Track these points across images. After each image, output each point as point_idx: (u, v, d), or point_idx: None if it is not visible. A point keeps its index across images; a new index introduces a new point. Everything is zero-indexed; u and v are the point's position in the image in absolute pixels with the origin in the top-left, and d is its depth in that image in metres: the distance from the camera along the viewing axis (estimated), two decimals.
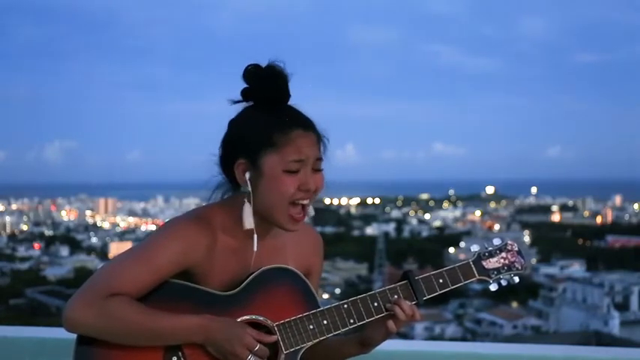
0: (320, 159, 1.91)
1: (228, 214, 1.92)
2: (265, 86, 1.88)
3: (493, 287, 2.07)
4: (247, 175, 1.87)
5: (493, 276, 2.06)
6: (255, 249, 1.90)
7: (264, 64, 1.88)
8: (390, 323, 1.95)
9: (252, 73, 1.89)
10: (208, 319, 1.81)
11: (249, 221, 1.87)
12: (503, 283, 2.08)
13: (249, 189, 1.86)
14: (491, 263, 2.06)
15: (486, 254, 2.07)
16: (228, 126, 1.94)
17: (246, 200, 1.87)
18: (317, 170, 1.90)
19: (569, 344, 4.82)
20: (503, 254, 2.08)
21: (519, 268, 2.09)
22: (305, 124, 1.89)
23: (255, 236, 1.89)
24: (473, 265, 2.05)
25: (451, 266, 2.04)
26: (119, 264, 1.82)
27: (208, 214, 1.92)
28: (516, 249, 2.11)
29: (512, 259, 2.09)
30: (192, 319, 1.79)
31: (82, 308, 1.75)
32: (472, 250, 2.08)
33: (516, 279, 2.09)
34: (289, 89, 1.91)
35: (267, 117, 1.87)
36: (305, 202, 1.88)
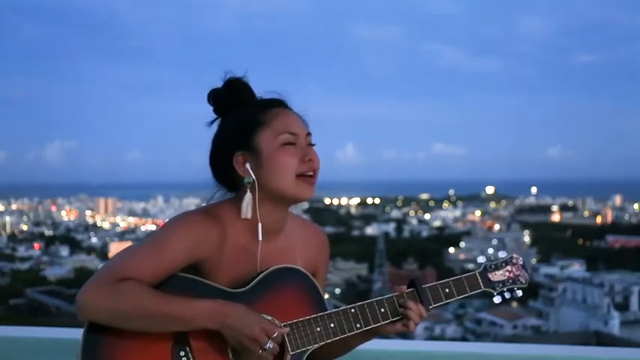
0: (310, 134, 1.94)
1: (238, 212, 1.91)
2: (229, 99, 1.94)
3: (497, 300, 2.10)
4: (248, 165, 1.88)
5: (498, 288, 2.08)
6: (260, 238, 1.90)
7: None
8: (400, 326, 1.97)
9: (214, 95, 1.96)
10: (223, 303, 1.79)
11: (247, 210, 1.88)
12: (507, 296, 2.10)
13: (253, 177, 1.87)
14: (497, 276, 2.09)
15: (492, 266, 2.09)
16: (212, 142, 1.96)
17: (248, 190, 1.88)
18: (311, 145, 1.93)
19: (569, 344, 4.81)
20: (509, 267, 2.11)
21: (523, 282, 2.11)
22: (283, 102, 1.96)
23: (260, 225, 1.89)
24: (479, 277, 2.07)
25: (458, 277, 2.05)
26: (131, 253, 1.82)
27: (219, 210, 1.92)
28: (521, 263, 2.13)
29: (517, 273, 2.11)
30: (208, 303, 1.78)
31: (94, 292, 1.75)
32: (479, 261, 2.11)
33: (519, 293, 2.11)
34: (251, 90, 1.96)
35: (243, 109, 1.92)
36: (310, 173, 1.90)
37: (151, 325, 1.77)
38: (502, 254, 2.14)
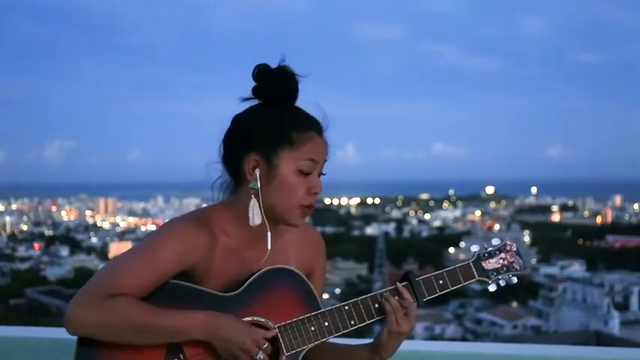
0: (326, 161, 1.91)
1: (229, 215, 1.90)
2: (275, 85, 1.87)
3: (492, 288, 2.06)
4: (257, 172, 1.85)
5: (492, 277, 2.04)
6: (268, 247, 1.87)
7: (272, 64, 1.89)
8: (386, 320, 1.93)
9: (262, 73, 1.89)
10: (213, 315, 1.78)
11: (257, 217, 1.84)
12: (502, 283, 2.06)
13: (259, 186, 1.84)
14: (491, 264, 2.05)
15: (486, 255, 2.05)
16: (233, 121, 1.91)
17: (253, 196, 1.85)
18: (321, 174, 1.91)
19: (569, 344, 4.82)
20: (503, 255, 2.06)
21: (518, 268, 2.07)
22: (320, 128, 1.90)
23: (269, 234, 1.87)
24: (473, 266, 2.03)
25: (451, 267, 2.02)
26: (119, 264, 1.81)
27: (208, 214, 1.90)
28: (515, 249, 2.09)
29: (511, 260, 2.07)
30: (197, 315, 1.77)
31: (83, 309, 1.73)
32: (472, 250, 2.06)
33: (514, 279, 2.08)
34: (298, 89, 1.90)
35: (282, 115, 1.86)
36: (309, 205, 1.88)
37: (143, 339, 1.76)
38: (496, 241, 2.07)
